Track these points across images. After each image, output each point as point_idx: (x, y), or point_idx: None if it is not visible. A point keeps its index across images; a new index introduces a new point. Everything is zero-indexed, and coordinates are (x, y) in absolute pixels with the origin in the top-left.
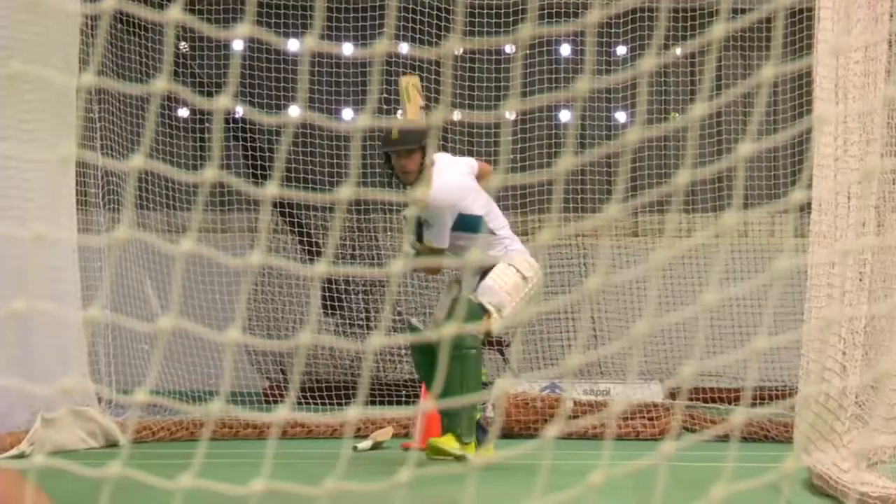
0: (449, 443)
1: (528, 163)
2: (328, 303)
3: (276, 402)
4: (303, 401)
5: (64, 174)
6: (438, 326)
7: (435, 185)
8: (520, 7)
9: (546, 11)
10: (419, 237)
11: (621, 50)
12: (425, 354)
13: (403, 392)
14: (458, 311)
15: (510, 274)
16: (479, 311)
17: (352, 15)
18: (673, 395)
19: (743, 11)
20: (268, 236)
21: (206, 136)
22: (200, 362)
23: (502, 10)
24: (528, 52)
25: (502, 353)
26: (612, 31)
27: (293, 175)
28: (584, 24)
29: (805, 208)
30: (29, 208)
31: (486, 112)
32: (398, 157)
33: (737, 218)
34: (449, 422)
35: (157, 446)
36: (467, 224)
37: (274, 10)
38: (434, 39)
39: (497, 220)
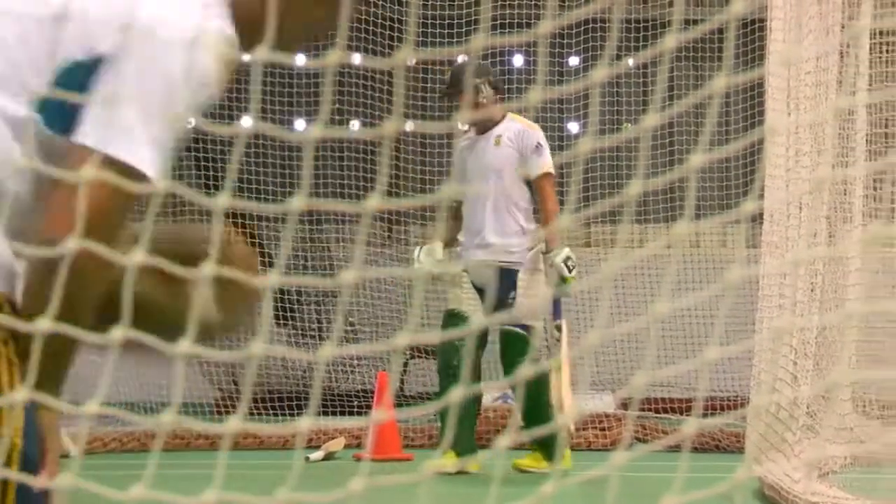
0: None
1: None
2: (280, 313)
3: (227, 412)
4: (255, 411)
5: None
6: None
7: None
8: (472, 18)
9: (498, 22)
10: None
11: (573, 60)
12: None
13: (356, 402)
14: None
15: (539, 280)
16: (525, 338)
17: None
18: (625, 405)
19: (695, 22)
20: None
21: None
22: (151, 373)
23: (455, 21)
24: (480, 62)
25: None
26: (565, 41)
27: (245, 186)
28: (536, 35)
29: (757, 219)
30: None
31: (439, 123)
32: (460, 98)
33: (688, 228)
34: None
35: (108, 457)
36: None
37: None
38: (386, 50)
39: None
